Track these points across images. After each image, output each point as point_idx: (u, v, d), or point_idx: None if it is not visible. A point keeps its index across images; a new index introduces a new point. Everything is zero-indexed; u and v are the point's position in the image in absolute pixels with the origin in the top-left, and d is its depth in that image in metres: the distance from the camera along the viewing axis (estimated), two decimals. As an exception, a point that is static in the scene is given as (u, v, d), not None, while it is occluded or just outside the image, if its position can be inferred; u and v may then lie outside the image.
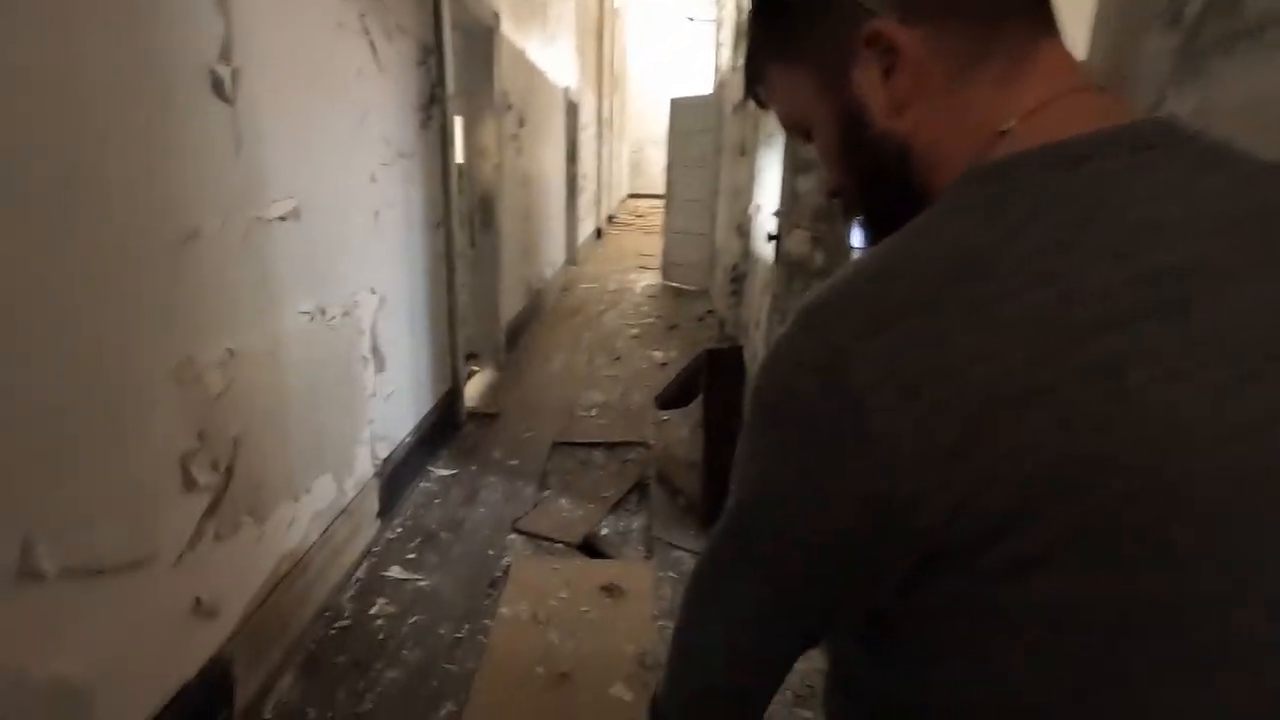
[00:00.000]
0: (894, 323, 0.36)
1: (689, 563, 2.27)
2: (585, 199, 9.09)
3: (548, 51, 5.72)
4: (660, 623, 1.98)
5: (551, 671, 1.77)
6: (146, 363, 1.25)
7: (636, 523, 2.54)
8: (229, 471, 1.51)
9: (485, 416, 3.47)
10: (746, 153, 4.69)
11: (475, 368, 4.11)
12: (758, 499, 0.44)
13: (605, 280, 7.57)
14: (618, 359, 4.59)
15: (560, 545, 2.37)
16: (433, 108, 2.79)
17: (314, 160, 1.83)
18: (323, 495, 1.97)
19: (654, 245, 8.57)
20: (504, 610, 2.00)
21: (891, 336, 0.36)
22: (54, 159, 1.05)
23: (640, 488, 2.80)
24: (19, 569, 1.01)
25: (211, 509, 1.46)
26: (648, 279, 7.70)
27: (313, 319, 1.85)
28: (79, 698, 1.12)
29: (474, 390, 3.79)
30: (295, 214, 1.73)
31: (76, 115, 1.08)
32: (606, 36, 10.98)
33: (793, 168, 2.94)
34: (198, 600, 1.42)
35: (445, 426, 3.12)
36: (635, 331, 5.33)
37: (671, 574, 2.20)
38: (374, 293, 2.27)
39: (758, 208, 4.17)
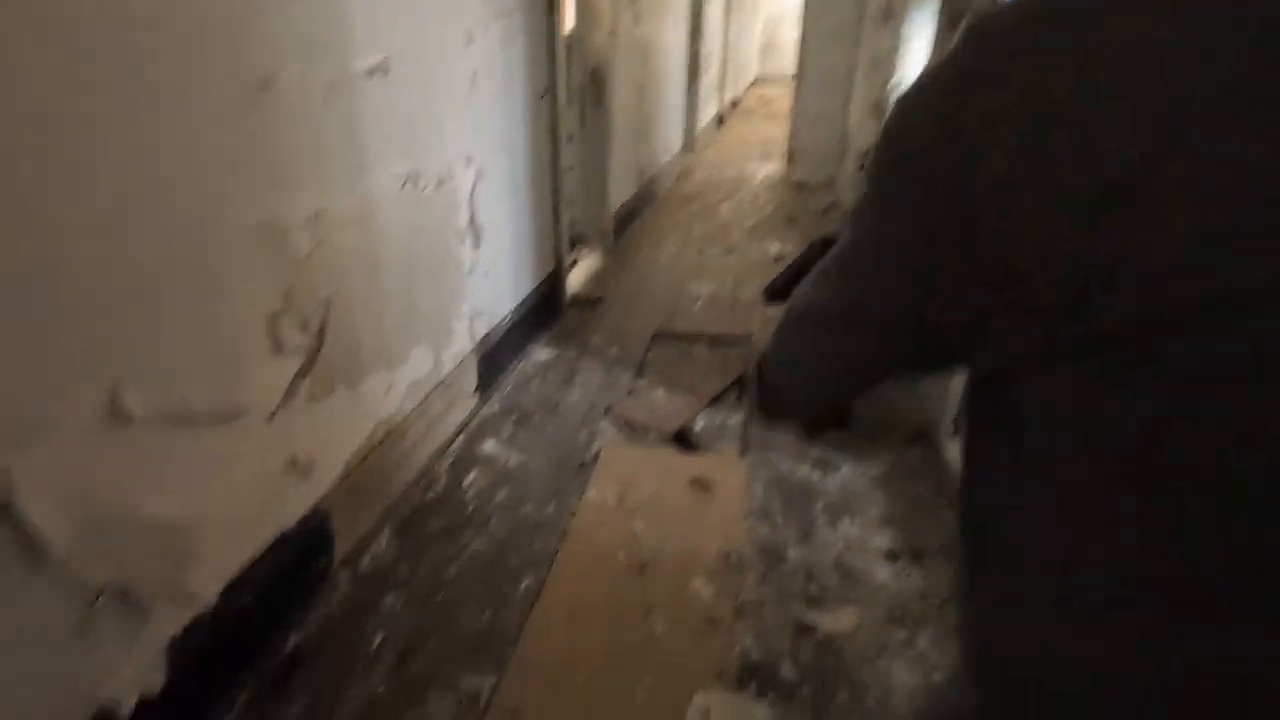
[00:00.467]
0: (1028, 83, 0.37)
1: (784, 464, 2.15)
2: (708, 80, 8.49)
3: (673, -96, 5.15)
4: (749, 522, 1.89)
5: (632, 560, 1.74)
6: (228, 219, 1.23)
7: (734, 419, 2.43)
8: (320, 334, 1.51)
9: (588, 302, 3.40)
10: (892, 17, 4.08)
11: (582, 253, 4.02)
12: (870, 229, 0.48)
13: (724, 169, 7.16)
14: (731, 251, 4.35)
15: (653, 435, 2.31)
16: (538, -40, 2.55)
17: (404, 12, 1.69)
18: (419, 365, 1.98)
19: (779, 134, 7.95)
20: (590, 494, 1.98)
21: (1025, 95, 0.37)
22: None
23: (741, 383, 2.66)
24: (109, 409, 1.04)
25: (303, 370, 1.47)
26: (770, 169, 7.20)
27: (405, 186, 1.79)
28: (180, 537, 1.18)
29: (578, 275, 3.72)
30: (384, 69, 1.62)
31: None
32: (742, -110, 9.83)
33: (947, 26, 2.48)
34: (293, 457, 1.47)
35: (546, 309, 3.08)
36: (751, 223, 5.01)
37: (765, 474, 2.09)
38: (470, 164, 2.17)
39: (899, 83, 3.65)
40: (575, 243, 3.98)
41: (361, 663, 1.44)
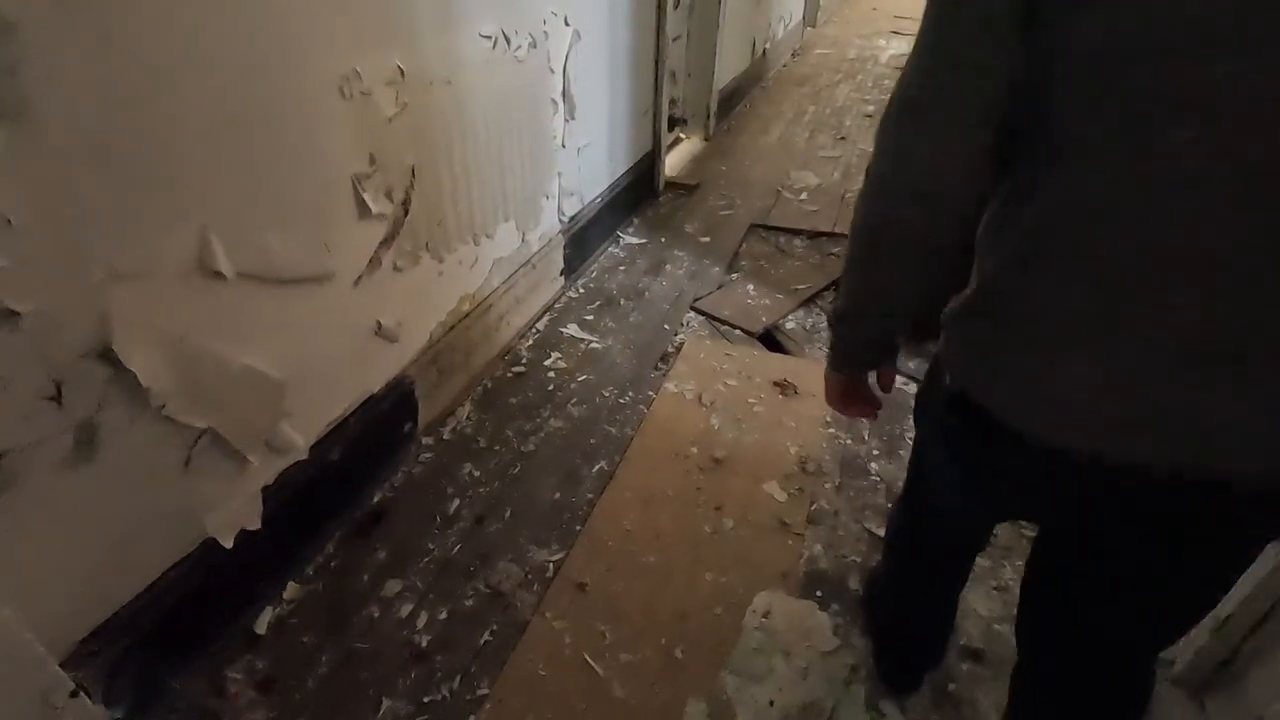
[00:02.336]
0: None
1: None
2: (839, -60, 7.54)
3: None
4: (830, 430, 1.80)
5: (706, 455, 1.71)
6: (310, 69, 1.17)
7: (825, 323, 2.28)
8: (405, 203, 1.48)
9: (684, 187, 3.24)
10: None
11: (681, 134, 3.80)
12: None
13: (846, 46, 6.47)
14: (842, 139, 3.98)
15: (739, 331, 2.22)
16: None
17: None
18: (506, 243, 1.95)
19: (915, 5, 7.05)
20: (670, 386, 1.94)
21: None
22: None
23: (838, 285, 2.48)
24: (199, 263, 1.05)
25: (389, 239, 1.46)
26: (899, 46, 6.44)
27: (495, 45, 1.67)
28: (272, 390, 1.23)
29: (676, 158, 3.53)
30: (474, -93, 1.47)
31: None
32: None
33: None
34: (378, 323, 1.49)
35: (640, 192, 2.95)
36: (870, 109, 4.55)
37: (855, 382, 1.97)
38: (568, 24, 2.01)
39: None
40: (675, 123, 3.76)
41: (439, 523, 1.52)
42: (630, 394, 1.93)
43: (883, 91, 4.97)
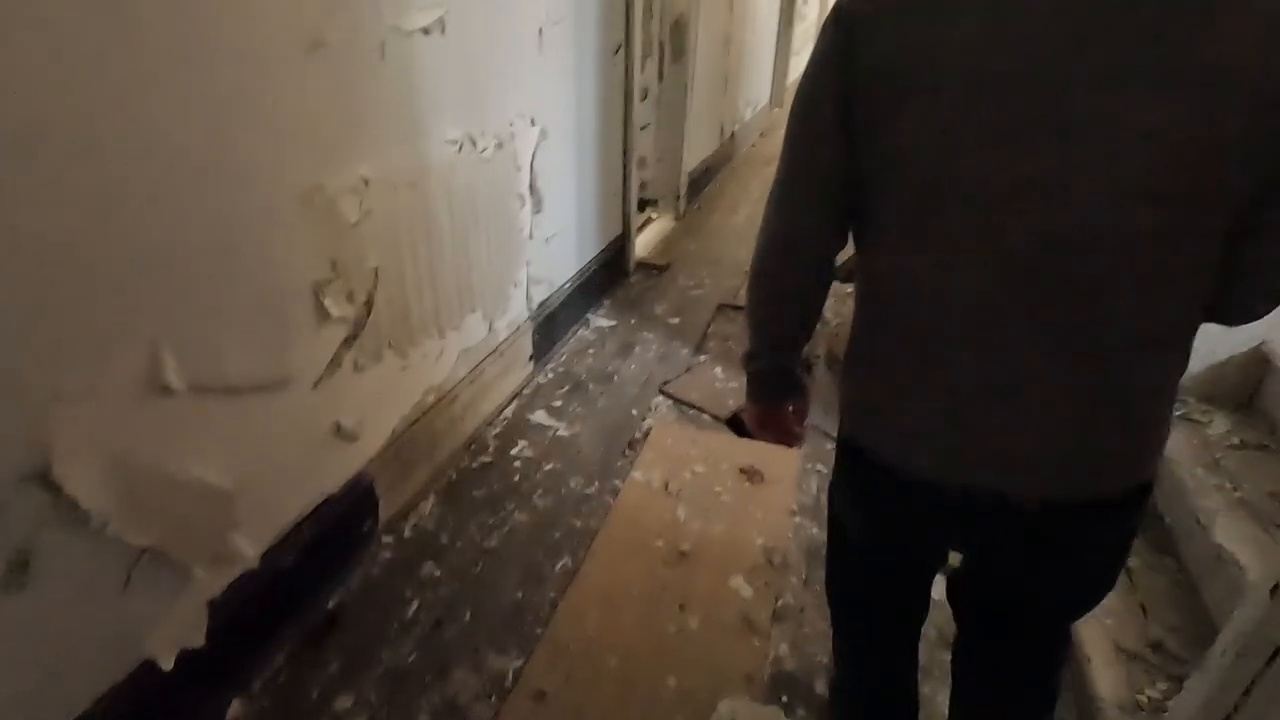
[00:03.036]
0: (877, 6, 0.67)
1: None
2: (803, 28, 8.00)
3: None
4: (797, 519, 1.80)
5: (672, 548, 1.69)
6: (274, 184, 1.20)
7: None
8: (369, 303, 1.50)
9: (654, 268, 3.31)
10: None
11: (652, 214, 3.91)
12: (801, 81, 0.73)
13: (811, 127, 6.79)
14: (808, 218, 4.13)
15: (706, 416, 2.23)
16: (617, -98, 2.39)
17: (465, -38, 1.61)
18: (472, 333, 1.97)
19: (875, 87, 7.43)
20: (637, 474, 1.94)
21: (873, 12, 0.67)
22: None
23: (805, 366, 2.52)
24: (148, 379, 1.05)
25: (350, 339, 1.47)
26: (861, 127, 6.77)
27: (461, 149, 1.73)
28: (221, 502, 1.21)
29: (647, 238, 3.62)
30: (440, 26, 1.55)
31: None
32: None
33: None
34: (337, 424, 1.48)
35: (610, 274, 3.01)
36: (834, 188, 4.74)
37: (820, 467, 1.98)
38: (534, 124, 2.09)
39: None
40: (646, 204, 3.87)
41: (395, 629, 1.47)
42: (597, 483, 1.91)
43: (846, 171, 5.19)
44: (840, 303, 2.96)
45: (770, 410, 0.97)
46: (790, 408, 0.97)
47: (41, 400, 0.91)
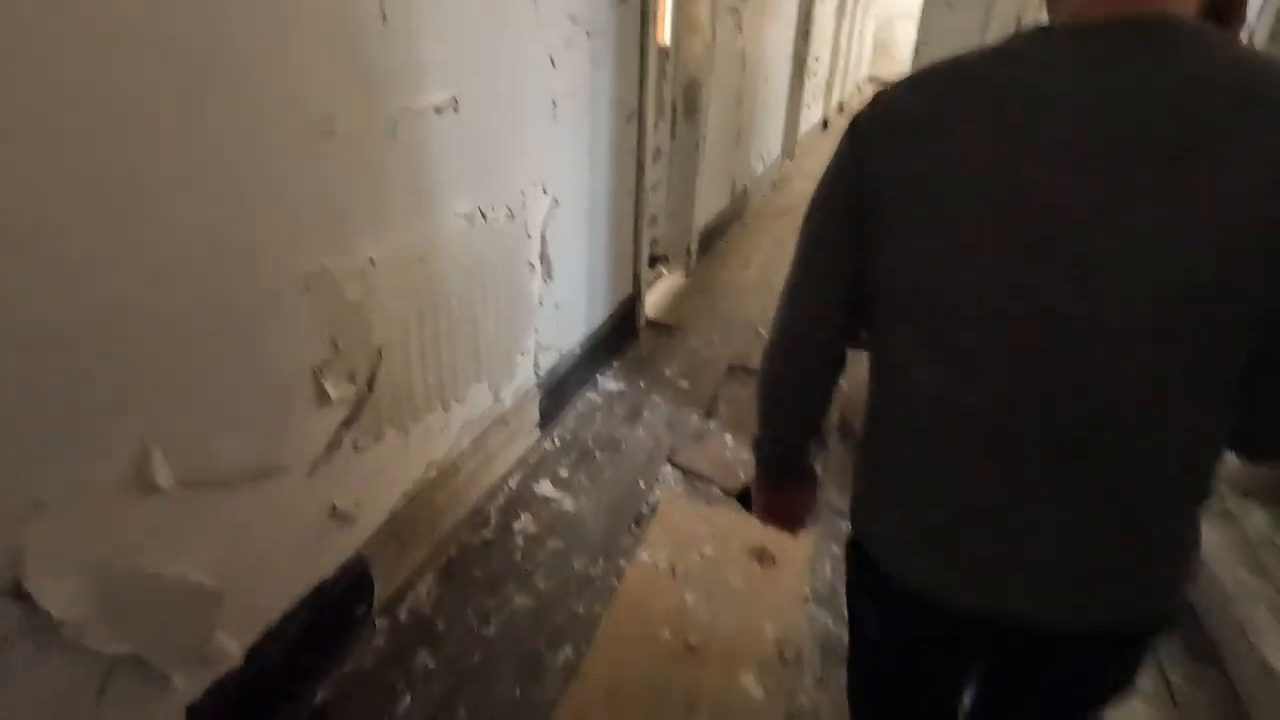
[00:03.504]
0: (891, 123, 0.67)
1: (860, 539, 1.95)
2: (814, 84, 8.14)
3: (787, -97, 4.90)
4: (810, 607, 1.71)
5: (679, 639, 1.61)
6: (274, 271, 1.18)
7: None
8: (371, 381, 1.46)
9: (664, 328, 3.28)
10: (1019, 28, 3.70)
11: (663, 270, 3.90)
12: (817, 187, 0.74)
13: (822, 179, 6.83)
14: (820, 275, 4.10)
15: (716, 489, 2.17)
16: (633, -25, 2.43)
17: (479, 41, 1.61)
18: (477, 404, 1.93)
19: (886, 141, 7.50)
20: (643, 555, 1.86)
21: (885, 127, 0.67)
22: (170, 36, 0.93)
23: (821, 441, 2.46)
24: (136, 479, 1.01)
25: (350, 419, 1.43)
26: (872, 181, 6.81)
27: (472, 222, 1.72)
28: (205, 601, 1.15)
29: (656, 297, 3.60)
30: (453, 104, 1.55)
31: (183, -12, 0.94)
32: (865, -117, 9.35)
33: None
34: (334, 507, 1.43)
35: (620, 335, 2.98)
36: (846, 243, 4.73)
37: (835, 548, 1.90)
38: (546, 193, 2.09)
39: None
40: (656, 261, 3.87)
41: (386, 728, 1.39)
42: (601, 563, 1.84)
43: (858, 226, 5.19)
44: (854, 364, 2.91)
45: (776, 498, 0.96)
46: (797, 496, 0.96)
47: (18, 510, 0.87)
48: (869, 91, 16.06)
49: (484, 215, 1.77)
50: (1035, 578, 0.67)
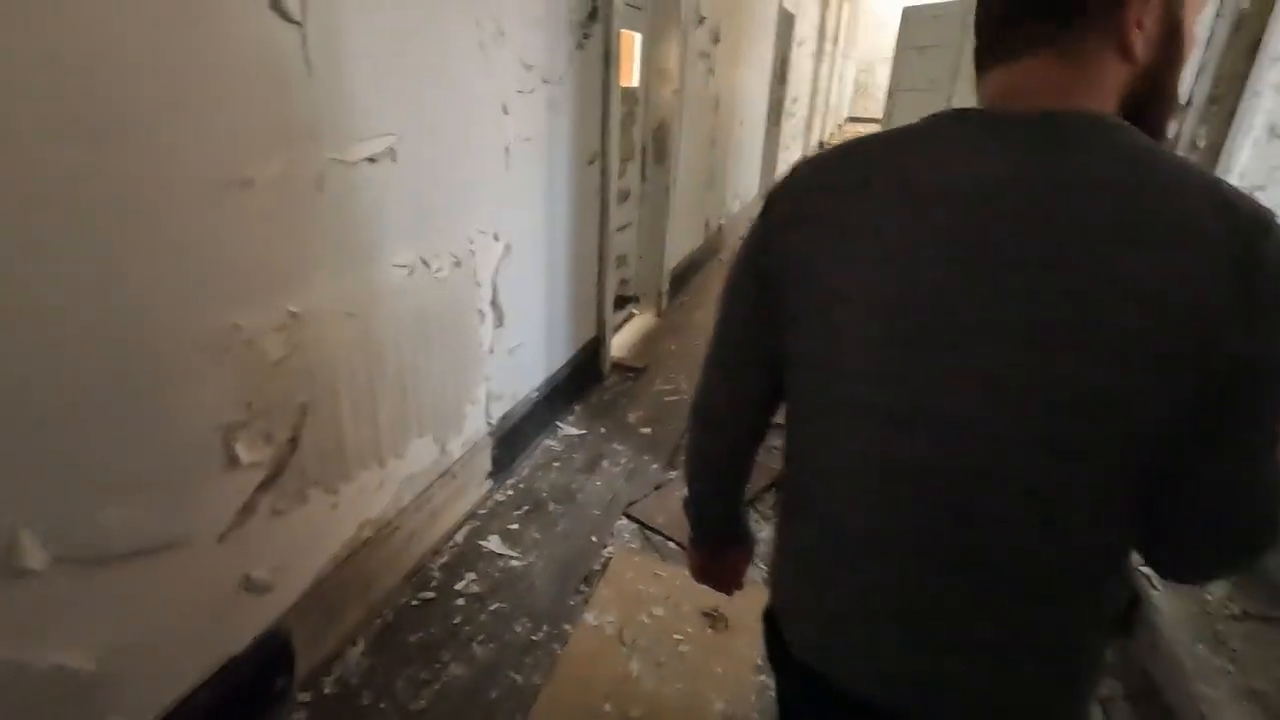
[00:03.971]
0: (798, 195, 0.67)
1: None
2: (791, 125, 8.27)
3: (760, -47, 5.01)
4: (762, 678, 1.63)
5: (620, 713, 1.52)
6: (175, 329, 1.11)
7: (765, 531, 2.17)
8: (293, 442, 1.39)
9: (631, 370, 3.23)
10: (988, 77, 3.76)
11: (633, 311, 3.87)
12: (734, 257, 0.73)
13: (800, 218, 6.88)
14: (792, 316, 4.08)
15: (672, 544, 2.09)
16: (594, 24, 2.43)
17: (421, 90, 1.58)
18: (419, 459, 1.85)
19: (863, 181, 7.60)
20: (589, 618, 1.78)
21: (788, 209, 0.67)
22: (64, 81, 0.88)
23: (779, 485, 2.40)
24: (3, 563, 0.92)
25: (268, 483, 1.35)
26: (849, 220, 6.87)
27: (412, 273, 1.67)
28: (84, 687, 1.06)
29: (625, 338, 3.56)
30: (390, 154, 1.51)
31: (89, 30, 0.90)
32: (841, -67, 9.66)
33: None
34: (247, 577, 1.34)
35: (583, 378, 2.92)
36: (819, 284, 4.73)
37: (792, 612, 1.82)
38: (498, 239, 2.04)
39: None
40: (627, 302, 3.83)
41: (295, 820, 1.29)
42: (545, 628, 1.75)
43: (832, 266, 5.20)
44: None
45: (708, 560, 0.95)
46: (729, 559, 0.95)
47: None
48: (850, 131, 16.46)
49: (426, 265, 1.72)
50: (922, 678, 0.64)
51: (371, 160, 1.46)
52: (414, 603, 1.80)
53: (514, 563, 1.97)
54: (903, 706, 0.65)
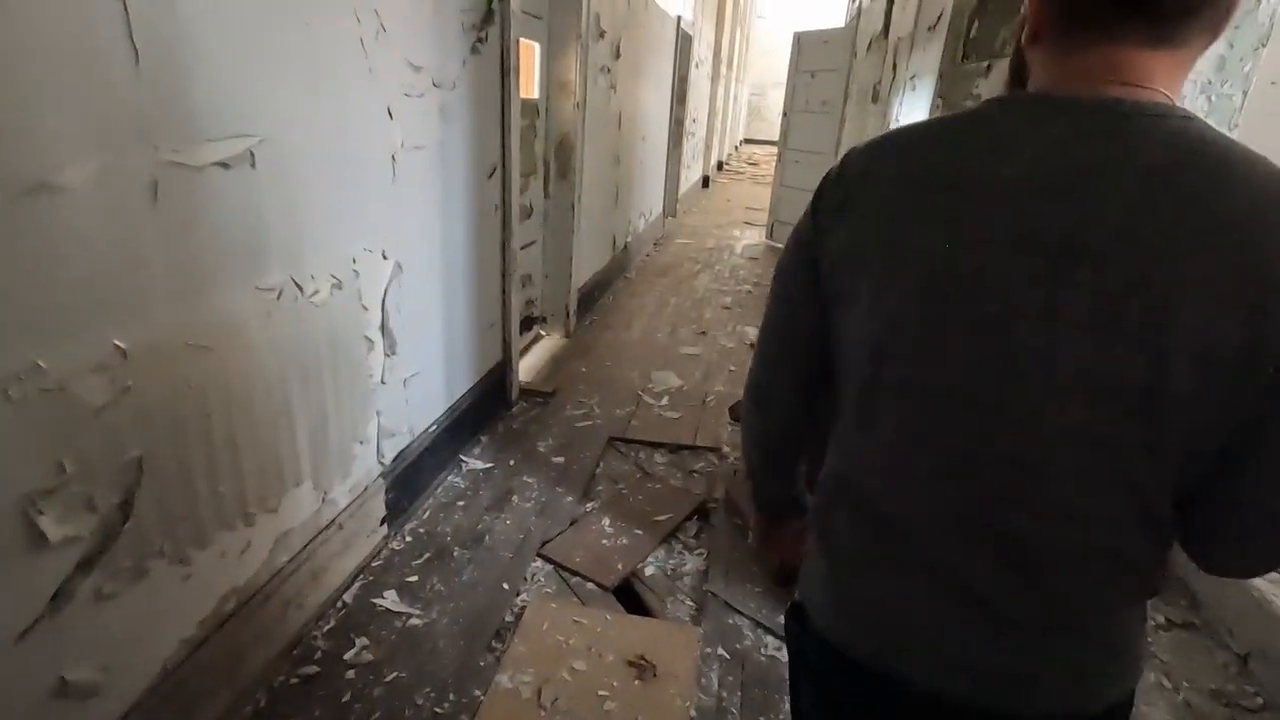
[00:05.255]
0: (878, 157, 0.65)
1: (749, 637, 1.76)
2: (692, 145, 8.37)
3: (657, -28, 5.02)
4: (697, 731, 1.49)
5: (541, 793, 1.34)
6: (-54, 377, 0.86)
7: (691, 563, 2.05)
8: (125, 506, 1.13)
9: (540, 395, 3.04)
10: (880, 100, 3.89)
11: (541, 332, 3.69)
12: (785, 246, 0.74)
13: (704, 236, 6.94)
14: (703, 333, 4.03)
15: (591, 585, 1.92)
16: (488, 27, 2.27)
17: (289, 87, 1.37)
18: (297, 511, 1.60)
19: (765, 197, 7.80)
20: (503, 680, 1.58)
21: (840, 194, 0.66)
22: None
23: (703, 512, 2.29)
24: None
25: (90, 560, 1.08)
26: (752, 236, 7.00)
27: (281, 295, 1.44)
28: None
29: (534, 359, 3.38)
30: (248, 159, 1.29)
31: None
32: (733, -39, 9.97)
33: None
34: (63, 680, 1.07)
35: (489, 406, 2.72)
36: (728, 300, 4.73)
37: (722, 652, 1.70)
38: (387, 258, 1.83)
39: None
40: (534, 322, 3.66)
41: None
42: (452, 696, 1.54)
43: (739, 282, 5.24)
44: (736, 434, 2.79)
45: (768, 525, 0.97)
46: (792, 529, 0.94)
47: None
48: (747, 152, 16.99)
49: (299, 287, 1.49)
50: (967, 661, 0.63)
51: (224, 165, 1.23)
52: (293, 680, 1.54)
53: (414, 621, 1.74)
54: (973, 699, 0.63)
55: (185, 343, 1.21)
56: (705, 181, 10.48)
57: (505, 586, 1.89)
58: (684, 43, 6.51)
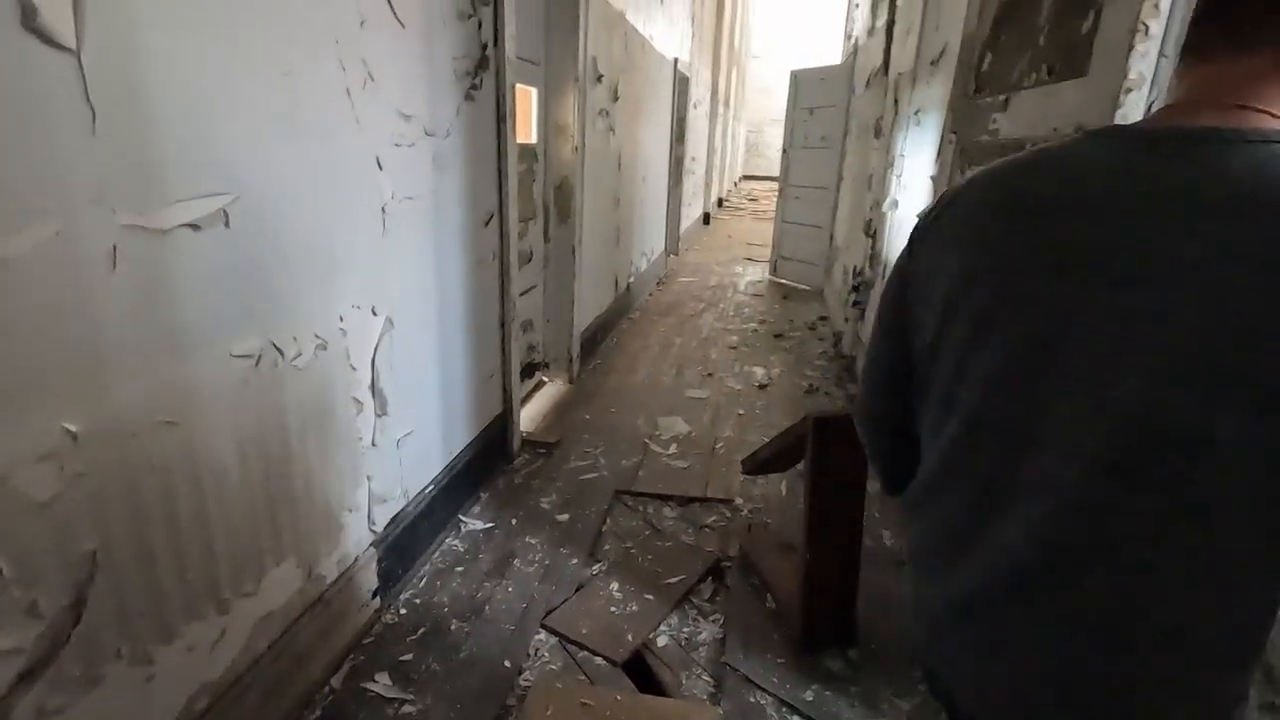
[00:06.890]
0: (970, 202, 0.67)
1: (771, 714, 1.61)
2: (692, 183, 8.39)
3: (655, 17, 5.05)
4: (720, 835, 1.34)
5: None
6: None
7: (706, 630, 1.90)
8: (77, 607, 1.01)
9: (543, 446, 2.92)
10: (882, 134, 3.84)
11: (543, 378, 3.58)
12: (887, 279, 0.77)
13: (707, 273, 6.88)
14: (709, 375, 3.92)
15: (599, 660, 1.78)
16: (482, 73, 2.22)
17: (268, 140, 1.29)
18: (278, 592, 1.47)
19: (766, 233, 7.77)
20: (503, 777, 1.43)
21: (931, 227, 0.70)
22: None
23: (717, 572, 2.15)
24: None
25: (33, 672, 0.96)
26: (754, 273, 6.93)
27: (259, 362, 1.34)
28: None
29: (536, 407, 3.26)
30: (221, 218, 1.20)
31: None
32: (728, 3, 10.14)
33: (959, 158, 2.14)
34: (-3, 815, 0.94)
35: (489, 460, 2.60)
36: (734, 340, 4.63)
37: (745, 735, 1.55)
38: (376, 314, 1.74)
39: (894, 203, 3.34)
40: (536, 368, 3.55)
41: None
42: (447, 798, 1.39)
43: (744, 320, 5.15)
44: (749, 484, 2.66)
45: None
46: None
47: None
48: (746, 188, 17.13)
49: (280, 351, 1.39)
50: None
51: (194, 227, 1.15)
52: (272, 784, 1.40)
53: (407, 709, 1.60)
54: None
55: (147, 420, 1.10)
56: (706, 218, 10.50)
57: (507, 664, 1.75)
58: (681, 84, 6.55)
